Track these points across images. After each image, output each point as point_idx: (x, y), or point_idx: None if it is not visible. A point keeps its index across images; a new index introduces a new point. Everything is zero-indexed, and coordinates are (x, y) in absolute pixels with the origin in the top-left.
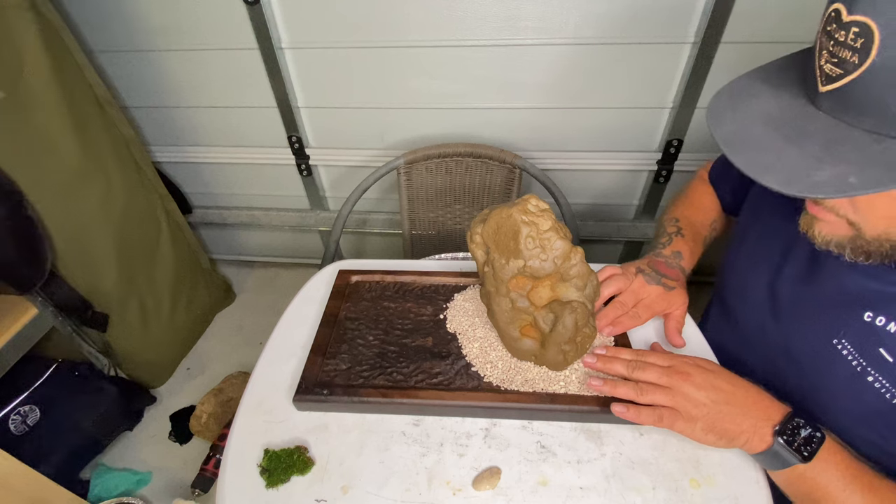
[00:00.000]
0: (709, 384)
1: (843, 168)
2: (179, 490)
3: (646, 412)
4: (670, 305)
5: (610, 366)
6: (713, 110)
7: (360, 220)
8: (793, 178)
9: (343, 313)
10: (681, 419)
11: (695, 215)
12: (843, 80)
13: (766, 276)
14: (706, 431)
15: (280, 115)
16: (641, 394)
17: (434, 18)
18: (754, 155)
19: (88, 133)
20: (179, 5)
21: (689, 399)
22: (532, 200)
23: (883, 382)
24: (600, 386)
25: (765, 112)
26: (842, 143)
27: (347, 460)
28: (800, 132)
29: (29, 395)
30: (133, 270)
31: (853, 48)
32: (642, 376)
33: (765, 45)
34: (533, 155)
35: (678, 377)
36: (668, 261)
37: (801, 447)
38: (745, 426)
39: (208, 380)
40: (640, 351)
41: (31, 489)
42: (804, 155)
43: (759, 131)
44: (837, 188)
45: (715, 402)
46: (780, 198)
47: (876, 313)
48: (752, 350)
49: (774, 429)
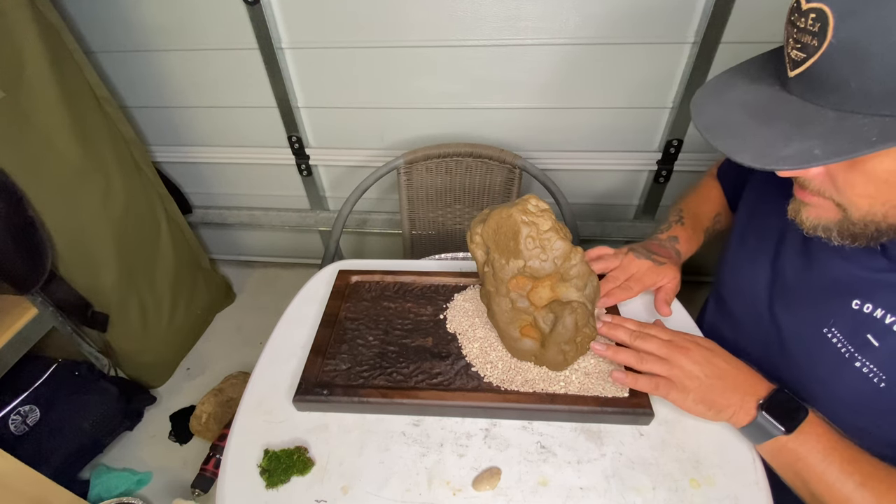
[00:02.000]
0: (705, 360)
1: (810, 143)
2: (179, 490)
3: (643, 379)
4: (661, 278)
5: (614, 332)
6: (696, 103)
7: (360, 220)
8: (763, 154)
9: (343, 313)
10: (675, 389)
11: (700, 206)
12: (807, 64)
13: (761, 271)
14: (696, 402)
15: (280, 115)
16: (641, 361)
17: (434, 18)
18: (731, 138)
19: (88, 133)
20: (179, 5)
21: (684, 371)
22: (532, 200)
23: (871, 367)
24: (604, 351)
25: (742, 100)
26: (810, 122)
27: (347, 460)
28: (772, 115)
29: (29, 395)
30: (133, 270)
31: (812, 32)
32: (643, 346)
33: (765, 45)
34: (533, 155)
35: (677, 350)
36: (662, 243)
37: (783, 419)
38: (732, 400)
39: (208, 380)
40: (643, 323)
41: (31, 489)
42: (775, 134)
43: (736, 117)
44: (802, 160)
45: (708, 377)
46: (773, 196)
47: (863, 301)
48: (746, 342)
49: (759, 403)
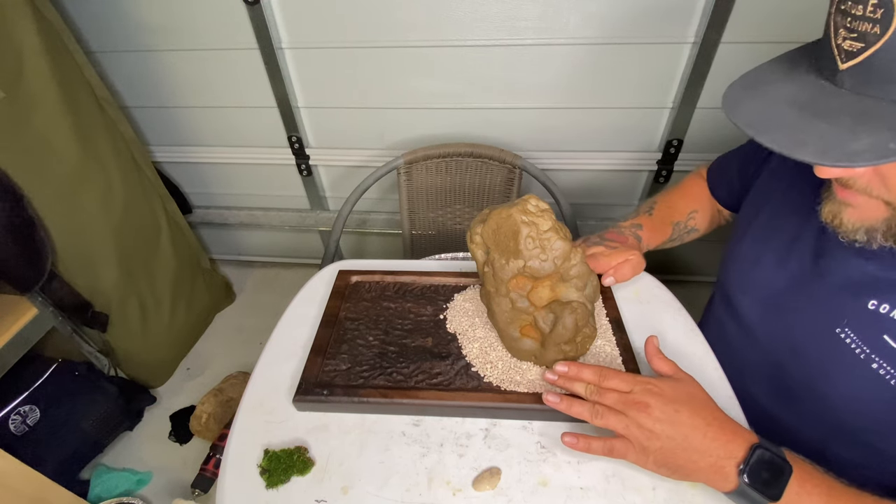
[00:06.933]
0: (667, 417)
1: (881, 136)
2: (179, 490)
3: (596, 444)
4: (613, 261)
5: (570, 385)
6: (729, 100)
7: (360, 220)
8: (829, 149)
9: (343, 313)
10: (632, 450)
11: (676, 201)
12: (866, 54)
13: (770, 269)
14: (658, 465)
15: (280, 115)
16: (595, 416)
17: (434, 18)
18: (784, 133)
19: (88, 133)
20: (179, 5)
21: (642, 430)
22: (532, 200)
23: (888, 369)
24: (557, 403)
25: (786, 95)
26: (871, 115)
27: (347, 460)
28: (827, 109)
29: (29, 395)
30: (133, 270)
31: (873, 20)
32: (600, 400)
33: (765, 45)
34: (533, 155)
35: (635, 407)
36: (621, 230)
37: (768, 485)
38: (702, 464)
39: (208, 380)
40: (604, 371)
41: (31, 489)
42: (837, 128)
43: (785, 111)
44: (878, 154)
45: (670, 438)
46: (785, 195)
47: (880, 301)
48: (754, 342)
49: (738, 468)
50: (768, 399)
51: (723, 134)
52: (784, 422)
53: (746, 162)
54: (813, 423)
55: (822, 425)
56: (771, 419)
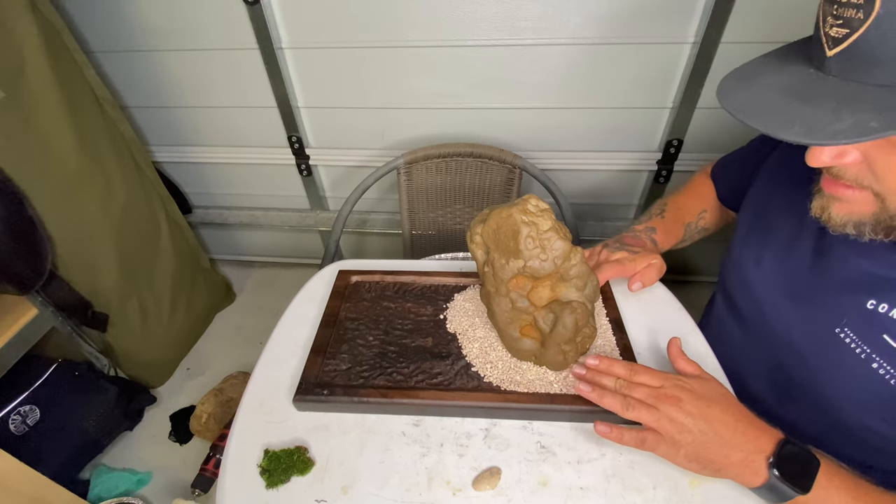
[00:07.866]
0: (698, 411)
1: (864, 116)
2: (179, 490)
3: (628, 434)
4: (637, 266)
5: (599, 380)
6: (723, 89)
7: (360, 220)
8: (814, 129)
9: (343, 313)
10: (664, 443)
11: (686, 202)
12: (850, 39)
13: (770, 269)
14: (689, 459)
15: (280, 115)
16: (626, 408)
17: (434, 18)
18: (771, 116)
19: (88, 133)
20: (179, 5)
21: (674, 423)
22: (532, 200)
23: (888, 369)
24: (589, 392)
25: (776, 83)
26: (856, 99)
27: (347, 460)
28: (813, 94)
29: (29, 395)
30: (133, 270)
31: (856, 5)
32: (631, 393)
33: (765, 45)
34: (533, 155)
35: (667, 401)
36: (636, 234)
37: (798, 478)
38: (733, 459)
39: (208, 380)
40: (634, 366)
41: (31, 489)
42: (822, 111)
43: (774, 98)
44: (860, 132)
45: (702, 431)
46: (785, 194)
47: (880, 300)
48: (755, 342)
49: (769, 461)
50: (768, 398)
51: (723, 134)
52: (784, 421)
53: (747, 162)
54: (813, 422)
55: (822, 425)
56: (771, 418)
